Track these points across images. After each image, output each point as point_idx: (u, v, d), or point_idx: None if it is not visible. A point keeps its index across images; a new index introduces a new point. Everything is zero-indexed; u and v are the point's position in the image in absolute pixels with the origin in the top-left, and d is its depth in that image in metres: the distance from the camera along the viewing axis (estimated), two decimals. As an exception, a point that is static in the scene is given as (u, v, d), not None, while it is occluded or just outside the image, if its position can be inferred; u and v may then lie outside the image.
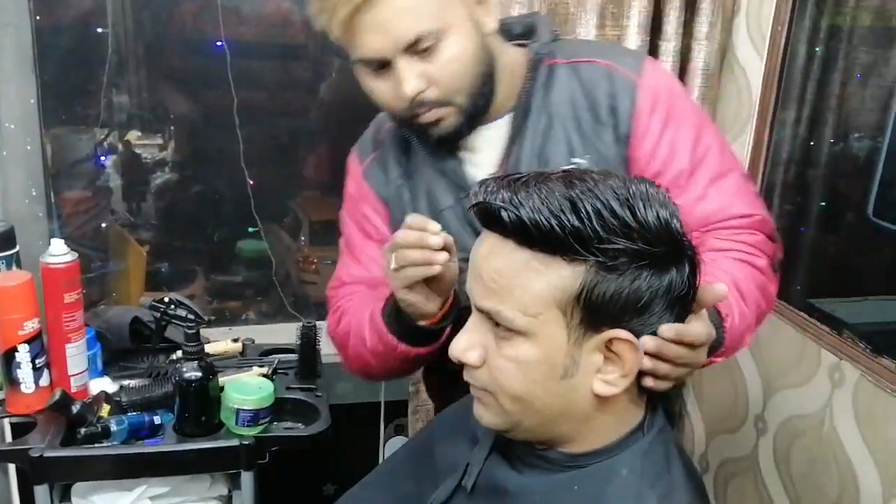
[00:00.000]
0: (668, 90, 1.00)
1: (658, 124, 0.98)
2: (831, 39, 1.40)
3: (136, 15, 1.71)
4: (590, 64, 1.00)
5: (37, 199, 1.53)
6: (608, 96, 0.98)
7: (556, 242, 0.65)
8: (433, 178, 1.02)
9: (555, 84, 0.99)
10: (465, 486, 0.81)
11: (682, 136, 0.98)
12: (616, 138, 0.98)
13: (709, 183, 0.98)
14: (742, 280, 0.95)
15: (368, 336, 0.99)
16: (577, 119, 0.99)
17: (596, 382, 0.70)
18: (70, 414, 1.14)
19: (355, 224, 1.10)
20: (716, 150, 1.00)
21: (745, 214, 0.99)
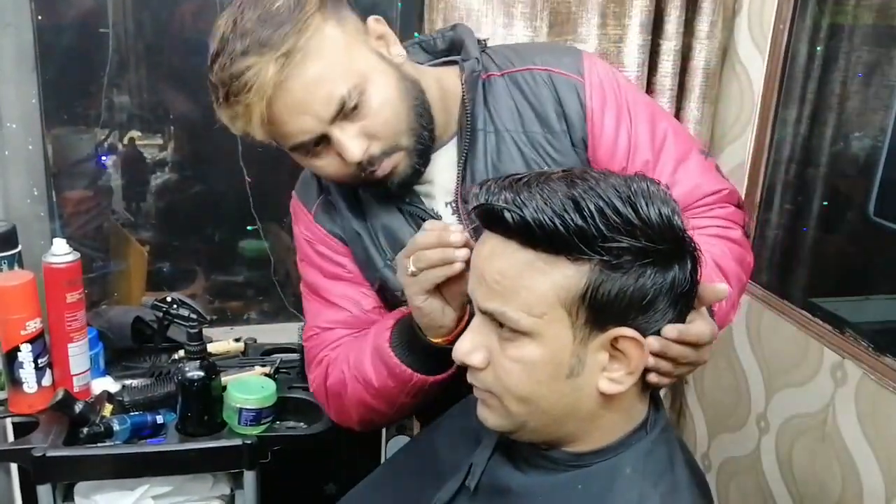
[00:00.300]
0: (614, 84, 0.98)
1: (612, 121, 0.96)
2: (833, 38, 1.40)
3: (137, 15, 1.71)
4: (528, 72, 0.96)
5: (38, 198, 1.53)
6: (555, 102, 0.95)
7: (559, 242, 0.65)
8: (389, 216, 0.98)
9: (494, 98, 0.96)
10: (468, 487, 0.81)
11: (639, 127, 0.97)
12: (572, 143, 0.96)
13: (674, 168, 0.98)
14: (721, 257, 0.95)
15: (374, 376, 0.93)
16: (526, 132, 0.96)
17: (601, 381, 0.70)
18: (72, 413, 1.14)
19: (317, 268, 1.03)
20: (672, 133, 0.99)
21: (715, 191, 1.00)
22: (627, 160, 0.96)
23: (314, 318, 1.04)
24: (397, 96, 0.88)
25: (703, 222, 0.98)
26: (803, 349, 1.33)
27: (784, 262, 1.53)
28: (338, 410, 1.01)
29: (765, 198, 1.50)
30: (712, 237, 0.97)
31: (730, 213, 1.01)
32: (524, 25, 1.41)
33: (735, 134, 1.55)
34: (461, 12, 1.39)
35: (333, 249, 1.02)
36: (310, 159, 0.91)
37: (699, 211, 0.99)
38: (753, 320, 1.48)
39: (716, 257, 0.94)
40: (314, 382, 1.02)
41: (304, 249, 1.05)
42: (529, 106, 0.96)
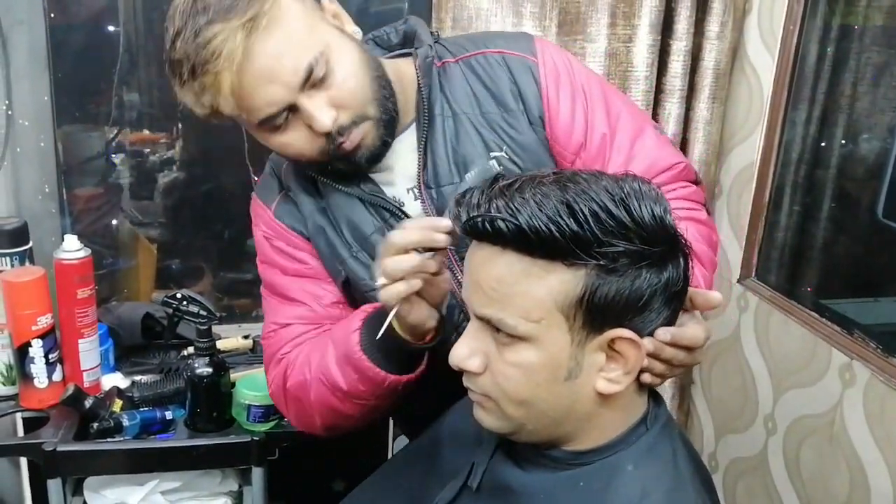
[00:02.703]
0: (566, 64, 0.99)
1: (567, 99, 0.97)
2: (843, 39, 1.40)
3: (147, 14, 1.72)
4: (482, 55, 0.98)
5: (50, 195, 1.54)
6: (510, 82, 0.97)
7: (555, 248, 0.65)
8: (350, 207, 0.97)
9: (450, 84, 0.97)
10: (470, 486, 0.81)
11: (594, 104, 0.98)
12: (529, 121, 0.97)
13: (630, 144, 0.99)
14: (694, 243, 0.93)
15: (342, 378, 0.89)
16: (483, 113, 0.97)
17: (599, 381, 0.70)
18: (83, 409, 1.15)
19: (276, 266, 1.02)
20: (626, 111, 1.01)
21: (671, 165, 1.01)
22: (585, 136, 0.97)
23: (272, 315, 1.02)
24: (361, 67, 0.89)
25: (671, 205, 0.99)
26: (811, 350, 1.33)
27: (792, 263, 1.52)
28: (299, 414, 0.98)
29: (774, 199, 1.49)
30: (682, 220, 0.97)
31: (691, 193, 1.03)
32: (533, 25, 1.41)
33: (744, 135, 1.55)
34: (470, 12, 1.39)
35: (293, 245, 1.01)
36: (277, 136, 0.89)
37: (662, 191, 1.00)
38: (761, 321, 1.48)
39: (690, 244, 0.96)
40: (272, 384, 0.99)
41: (263, 249, 1.03)
42: (485, 88, 0.97)
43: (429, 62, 0.96)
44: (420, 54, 0.96)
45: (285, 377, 0.96)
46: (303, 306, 0.99)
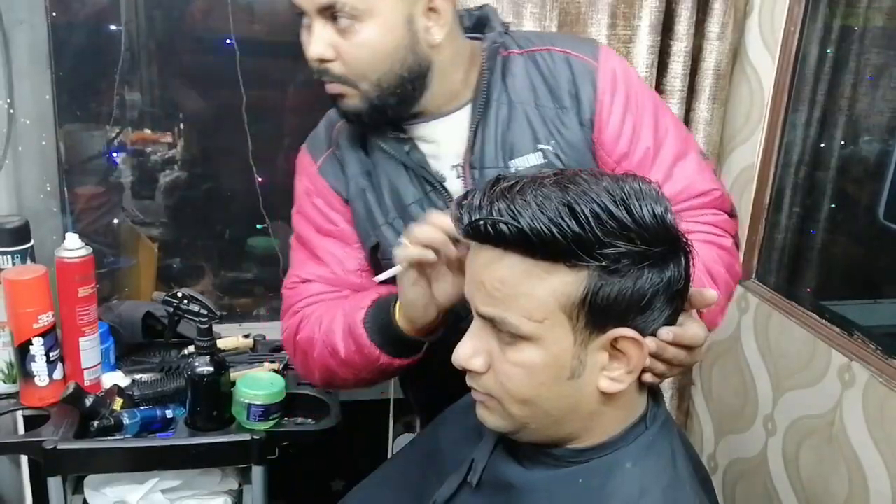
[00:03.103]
0: (626, 74, 1.02)
1: (620, 107, 1.00)
2: (843, 41, 1.40)
3: (149, 13, 1.72)
4: (547, 52, 1.01)
5: (51, 194, 1.54)
6: (569, 82, 1.00)
7: (557, 250, 0.65)
8: (395, 173, 1.01)
9: (511, 73, 1.00)
10: (470, 482, 0.81)
11: (644, 118, 1.01)
12: (580, 122, 1.00)
13: (672, 163, 1.01)
14: (712, 263, 0.98)
15: (342, 346, 0.95)
16: (538, 106, 1.00)
17: (602, 380, 0.70)
18: (83, 407, 1.15)
19: (311, 222, 1.06)
20: (674, 130, 1.03)
21: (706, 191, 1.02)
22: (630, 146, 1.00)
23: (298, 268, 1.06)
24: (384, 53, 0.91)
25: (696, 227, 1.00)
26: (811, 351, 1.33)
27: (793, 264, 1.52)
28: (302, 365, 1.04)
29: (774, 200, 1.50)
30: (704, 243, 0.99)
31: (721, 221, 1.03)
32: (533, 25, 1.41)
33: (745, 136, 1.55)
34: (472, 12, 1.39)
35: (330, 205, 1.05)
36: (302, 29, 0.95)
37: (691, 214, 1.01)
38: (761, 322, 1.48)
39: (706, 262, 0.97)
40: (285, 332, 1.05)
41: (301, 202, 1.08)
42: (544, 82, 1.00)
43: (495, 48, 0.99)
44: (488, 38, 1.00)
45: (297, 329, 1.02)
46: (326, 267, 1.04)
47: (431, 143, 1.01)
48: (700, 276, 0.92)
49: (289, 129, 1.84)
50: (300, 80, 1.85)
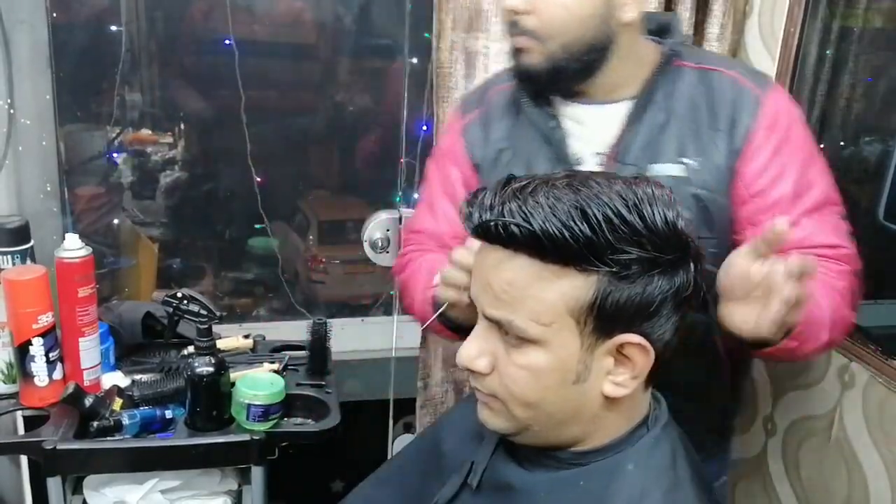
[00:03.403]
0: (789, 117, 1.01)
1: (772, 146, 0.99)
2: (843, 41, 1.40)
3: (150, 13, 1.72)
4: (717, 72, 1.02)
5: (51, 194, 1.54)
6: (730, 106, 1.00)
7: (568, 253, 0.65)
8: (536, 146, 1.05)
9: (679, 84, 1.02)
10: (470, 484, 0.81)
11: (793, 164, 0.99)
12: (730, 147, 1.00)
13: (805, 212, 0.99)
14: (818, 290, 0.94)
15: (417, 302, 1.08)
16: (694, 121, 1.01)
17: (606, 385, 0.70)
18: (83, 407, 1.15)
19: (439, 178, 1.15)
20: (820, 184, 1.01)
21: (833, 245, 0.99)
22: (769, 186, 0.99)
23: (418, 215, 1.20)
24: (577, 18, 0.95)
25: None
26: (811, 352, 1.33)
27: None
28: (400, 298, 1.22)
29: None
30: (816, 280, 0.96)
31: (843, 271, 0.99)
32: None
33: (744, 136, 1.54)
34: (470, 12, 1.39)
35: (459, 167, 1.13)
36: None
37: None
38: (761, 323, 1.48)
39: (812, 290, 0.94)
40: (395, 265, 1.22)
41: (439, 154, 1.18)
42: (706, 100, 1.01)
43: (671, 55, 1.02)
44: (667, 44, 1.03)
45: (402, 268, 1.16)
46: (437, 224, 1.13)
47: (581, 125, 1.04)
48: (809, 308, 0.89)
49: (288, 129, 1.84)
50: (299, 80, 1.86)
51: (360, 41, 1.83)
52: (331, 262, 1.91)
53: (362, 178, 1.92)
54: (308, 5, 1.77)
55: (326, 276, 1.93)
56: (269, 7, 1.75)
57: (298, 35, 1.82)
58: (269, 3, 1.75)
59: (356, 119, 1.89)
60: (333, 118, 1.90)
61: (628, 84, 1.02)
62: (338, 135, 1.90)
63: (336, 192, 1.97)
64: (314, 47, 1.84)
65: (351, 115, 1.89)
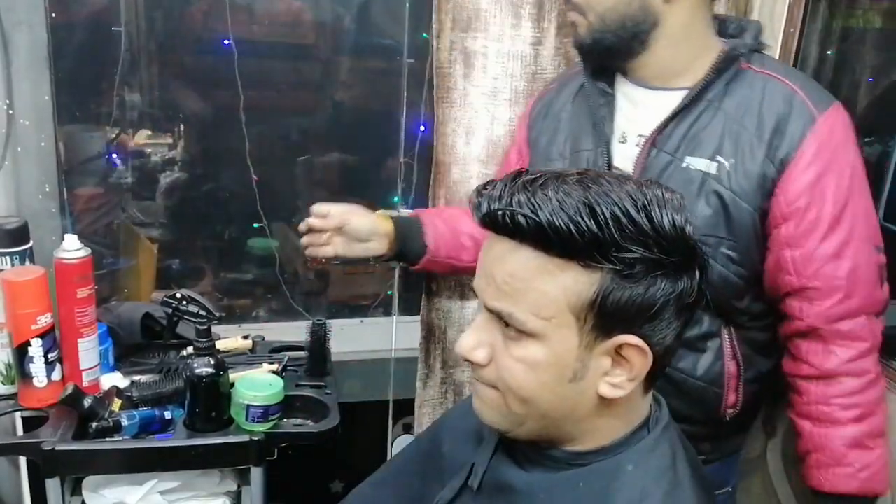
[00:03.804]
0: (844, 139, 1.01)
1: (817, 168, 0.99)
2: (843, 42, 1.40)
3: (149, 14, 1.72)
4: (778, 81, 1.03)
5: (50, 195, 1.54)
6: (779, 117, 1.00)
7: (573, 248, 0.65)
8: (584, 121, 1.12)
9: (736, 86, 1.03)
10: (470, 486, 0.81)
11: (838, 188, 1.00)
12: (768, 156, 1.00)
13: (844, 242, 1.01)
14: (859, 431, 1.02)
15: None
16: (740, 123, 1.01)
17: (602, 385, 0.70)
18: (82, 408, 1.15)
19: (515, 143, 1.29)
20: (861, 213, 1.02)
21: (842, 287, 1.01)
22: (808, 204, 1.00)
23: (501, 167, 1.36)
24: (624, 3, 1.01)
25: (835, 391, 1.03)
26: (811, 353, 1.33)
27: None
28: None
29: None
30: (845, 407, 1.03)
31: (854, 330, 1.02)
32: (531, 26, 1.41)
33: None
34: (469, 12, 1.39)
35: (521, 132, 1.27)
36: None
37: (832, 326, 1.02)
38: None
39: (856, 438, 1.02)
40: None
41: (524, 113, 1.30)
42: (758, 106, 1.02)
43: (734, 55, 1.03)
44: (730, 43, 1.04)
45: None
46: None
47: (634, 106, 1.08)
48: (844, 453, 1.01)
49: (287, 129, 1.84)
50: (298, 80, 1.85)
51: (360, 41, 1.83)
52: (330, 262, 1.90)
53: (361, 179, 1.92)
54: (307, 5, 1.77)
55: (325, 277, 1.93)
56: (269, 7, 1.75)
57: (298, 35, 1.81)
58: (269, 4, 1.75)
59: (355, 119, 1.89)
60: (332, 118, 1.89)
61: (686, 74, 1.04)
62: (337, 135, 1.90)
63: (335, 193, 1.96)
64: (313, 47, 1.84)
65: (350, 115, 1.89)
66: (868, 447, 1.02)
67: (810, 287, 1.01)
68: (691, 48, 1.04)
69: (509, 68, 1.41)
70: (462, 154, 1.46)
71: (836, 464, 1.03)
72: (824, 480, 1.04)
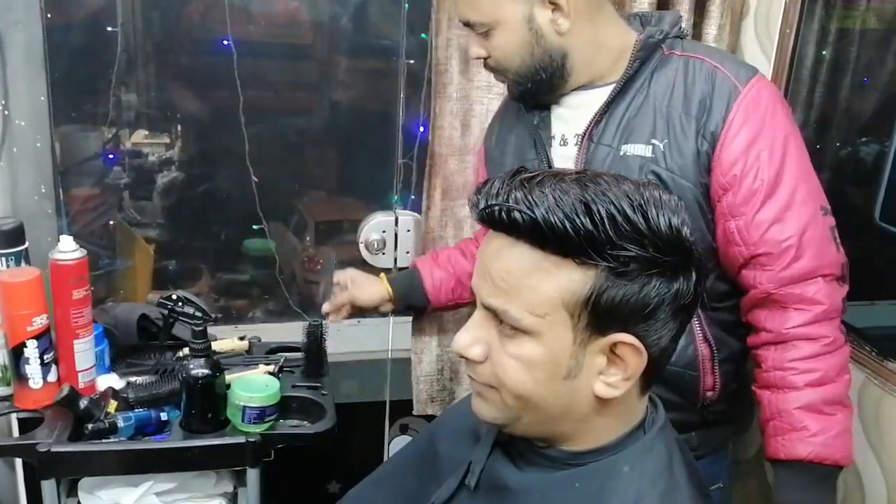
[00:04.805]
0: (771, 107, 1.03)
1: (748, 132, 1.01)
2: (840, 42, 1.40)
3: (146, 14, 1.72)
4: (700, 61, 1.06)
5: (46, 195, 1.54)
6: (704, 93, 1.04)
7: (568, 245, 0.65)
8: (526, 138, 1.17)
9: (661, 72, 1.07)
10: (468, 485, 0.81)
11: (771, 153, 1.01)
12: (699, 132, 1.03)
13: (785, 206, 1.01)
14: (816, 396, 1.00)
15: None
16: (669, 105, 1.05)
17: (598, 384, 0.70)
18: (77, 409, 1.15)
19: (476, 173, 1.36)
20: (801, 178, 1.02)
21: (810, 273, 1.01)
22: (744, 172, 1.01)
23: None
24: (513, 51, 1.07)
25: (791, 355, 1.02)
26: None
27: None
28: None
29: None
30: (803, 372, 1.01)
31: (808, 292, 1.01)
32: (529, 27, 1.41)
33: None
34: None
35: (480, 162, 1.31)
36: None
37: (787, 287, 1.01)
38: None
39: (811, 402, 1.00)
40: None
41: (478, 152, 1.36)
42: (683, 86, 1.05)
43: (650, 42, 1.07)
44: (646, 32, 1.08)
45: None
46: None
47: (571, 109, 1.13)
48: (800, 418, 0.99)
49: (286, 130, 1.84)
50: (297, 81, 1.85)
51: (358, 41, 1.83)
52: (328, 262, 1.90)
53: (359, 179, 1.92)
54: (305, 6, 1.77)
55: (323, 278, 1.93)
56: (267, 7, 1.74)
57: (296, 35, 1.81)
58: (267, 4, 1.75)
59: (354, 120, 1.89)
60: (331, 119, 1.89)
61: (612, 71, 1.09)
62: (335, 135, 1.90)
63: (333, 193, 1.96)
64: (312, 47, 1.84)
65: (348, 116, 1.89)
66: (825, 412, 0.99)
67: (759, 254, 1.02)
68: (609, 51, 1.08)
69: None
70: (458, 146, 1.50)
71: (791, 428, 1.00)
72: (780, 448, 1.01)
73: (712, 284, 1.09)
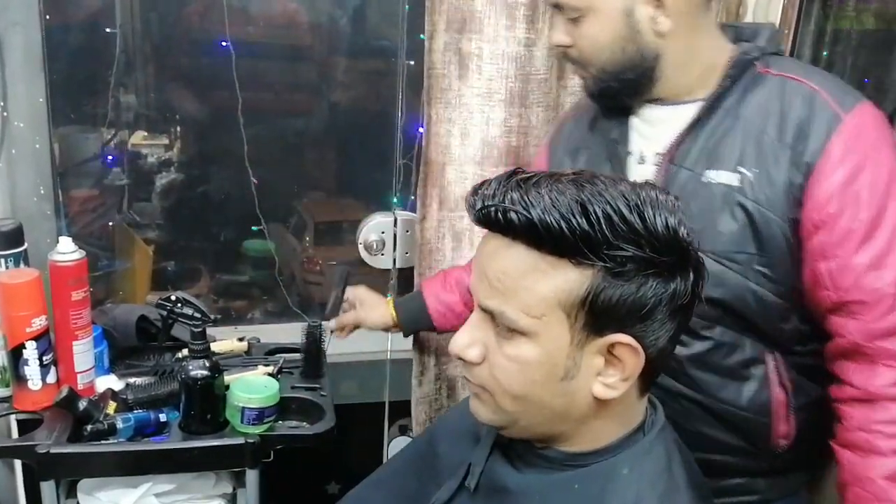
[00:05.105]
0: (876, 139, 0.94)
1: (849, 168, 0.92)
2: (837, 43, 1.41)
3: (144, 15, 1.72)
4: (798, 82, 0.97)
5: (45, 197, 1.54)
6: (801, 119, 0.95)
7: (564, 245, 0.65)
8: (600, 152, 1.11)
9: (754, 91, 0.99)
10: (467, 486, 0.81)
11: (873, 190, 0.93)
12: (792, 162, 0.94)
13: (886, 250, 0.92)
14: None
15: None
16: (761, 131, 0.97)
17: (596, 385, 0.70)
18: (77, 411, 1.15)
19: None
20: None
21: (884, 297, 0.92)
22: (841, 209, 0.93)
23: None
24: (604, 44, 1.01)
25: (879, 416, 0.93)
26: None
27: None
28: None
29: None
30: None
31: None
32: (525, 28, 1.41)
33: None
34: (464, 14, 1.39)
35: (542, 167, 1.22)
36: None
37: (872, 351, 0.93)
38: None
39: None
40: None
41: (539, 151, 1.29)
42: (779, 110, 0.97)
43: (745, 59, 1.00)
44: (741, 48, 1.01)
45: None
46: None
47: (651, 125, 1.05)
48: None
49: (285, 131, 1.84)
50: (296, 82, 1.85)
51: (357, 43, 1.83)
52: (327, 263, 1.90)
53: (359, 180, 1.92)
54: (304, 7, 1.77)
55: (322, 279, 1.93)
56: (266, 8, 1.75)
57: (295, 36, 1.81)
58: (266, 5, 1.75)
59: (353, 120, 1.89)
60: (330, 119, 1.89)
61: (701, 86, 1.01)
62: (335, 136, 1.90)
63: (332, 194, 1.96)
64: (311, 48, 1.84)
65: (347, 117, 1.89)
66: None
67: (850, 301, 0.93)
68: (702, 62, 1.01)
69: (504, 69, 1.42)
70: (457, 155, 1.46)
71: (875, 499, 0.92)
72: None
73: (794, 326, 1.01)
